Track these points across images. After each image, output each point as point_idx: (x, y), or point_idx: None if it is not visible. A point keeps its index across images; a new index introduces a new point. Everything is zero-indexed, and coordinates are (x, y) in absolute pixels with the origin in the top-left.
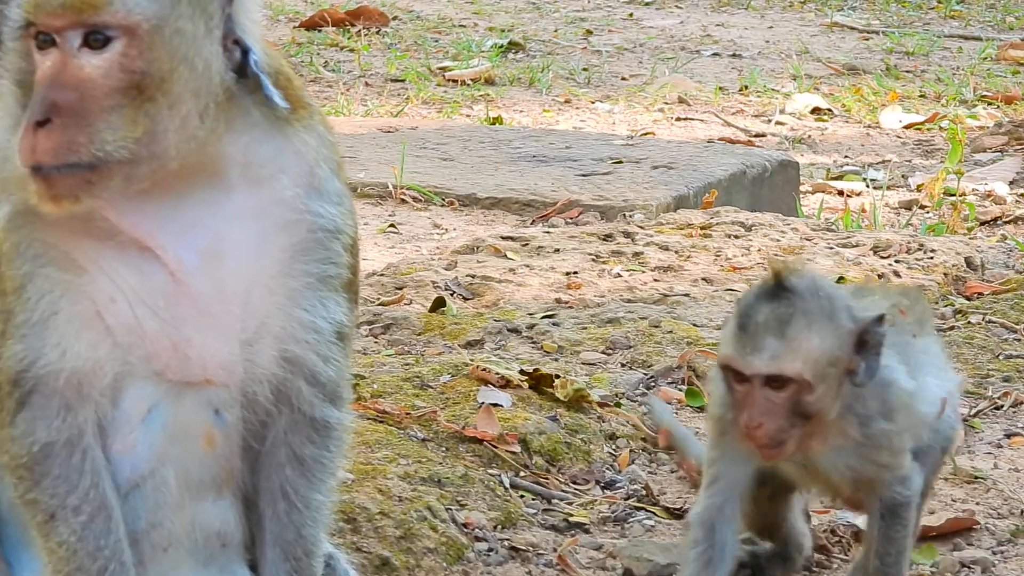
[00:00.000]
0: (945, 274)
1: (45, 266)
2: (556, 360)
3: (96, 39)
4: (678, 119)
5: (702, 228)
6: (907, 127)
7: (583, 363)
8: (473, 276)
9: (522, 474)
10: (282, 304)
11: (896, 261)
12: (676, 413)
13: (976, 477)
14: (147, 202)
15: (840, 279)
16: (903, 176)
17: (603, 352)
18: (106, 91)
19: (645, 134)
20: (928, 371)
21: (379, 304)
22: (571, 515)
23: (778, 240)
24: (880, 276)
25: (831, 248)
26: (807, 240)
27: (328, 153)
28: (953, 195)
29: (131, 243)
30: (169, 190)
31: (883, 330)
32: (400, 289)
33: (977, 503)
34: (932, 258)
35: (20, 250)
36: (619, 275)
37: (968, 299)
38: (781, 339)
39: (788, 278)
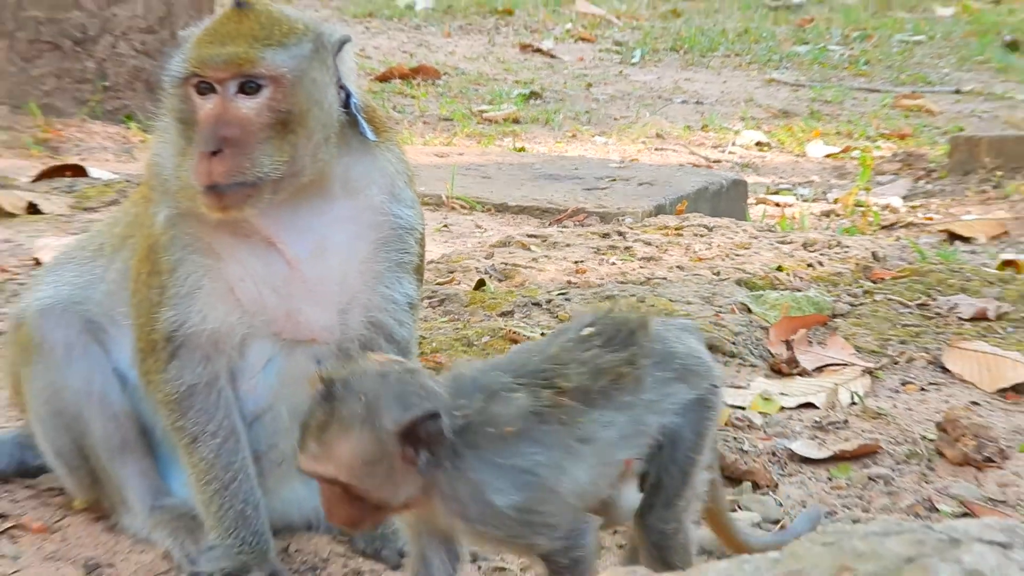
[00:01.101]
0: (856, 264)
1: (192, 254)
2: None
3: (250, 87)
4: (656, 149)
5: (675, 229)
6: (826, 156)
7: None
8: (505, 263)
9: None
10: (369, 283)
11: (821, 254)
12: None
13: (879, 414)
14: (273, 208)
15: (779, 268)
16: (823, 192)
17: None
18: (259, 127)
19: (632, 160)
20: (587, 454)
21: (436, 284)
22: None
23: (732, 238)
24: (809, 265)
25: (772, 244)
26: (753, 239)
27: (403, 168)
28: (862, 206)
29: (258, 238)
30: (290, 199)
31: (436, 425)
32: (451, 273)
33: (880, 434)
34: (847, 251)
35: (174, 242)
36: (614, 263)
37: (874, 283)
38: (319, 443)
39: (333, 385)
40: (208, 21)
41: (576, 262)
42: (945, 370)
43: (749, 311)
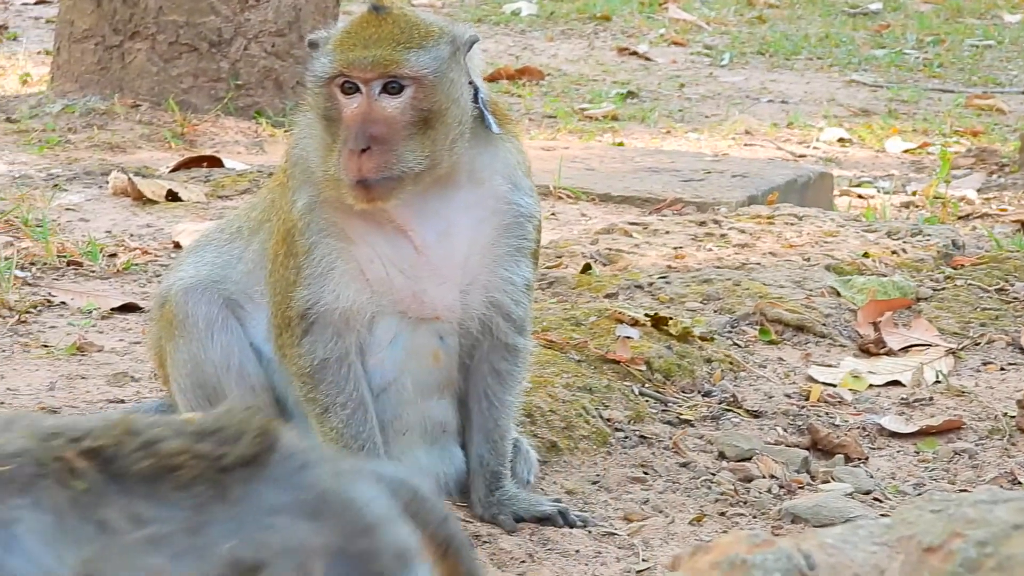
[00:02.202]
0: (938, 251)
1: (326, 237)
2: (668, 307)
3: (393, 87)
4: (745, 145)
5: (768, 218)
6: (904, 152)
7: (687, 310)
8: (609, 249)
9: (647, 385)
10: (489, 266)
11: (904, 242)
12: (751, 345)
13: (962, 392)
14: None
15: (865, 254)
16: (902, 185)
17: (701, 302)
18: (403, 125)
19: (724, 154)
20: None
21: (545, 268)
22: (681, 414)
23: (820, 227)
24: (893, 252)
25: (858, 233)
26: (840, 227)
27: (523, 159)
28: (940, 198)
29: (388, 224)
30: (421, 188)
31: None
32: (560, 257)
33: (963, 410)
34: (929, 240)
35: (310, 226)
36: (711, 250)
37: (954, 269)
38: None
39: None
40: (345, 25)
41: (675, 248)
42: (1023, 351)
43: (838, 295)
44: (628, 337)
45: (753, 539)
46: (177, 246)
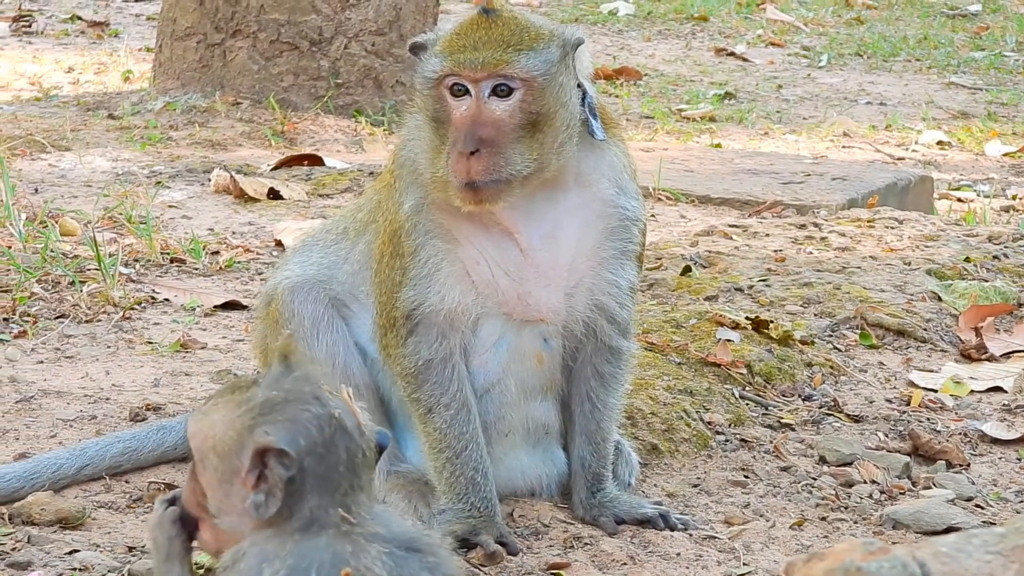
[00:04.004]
0: None
1: (433, 239)
2: (768, 310)
3: (502, 89)
4: (843, 147)
5: (868, 221)
6: (1004, 155)
7: (787, 313)
8: (709, 251)
9: (747, 388)
10: (595, 268)
11: (1005, 247)
12: (852, 349)
13: None
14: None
15: (966, 259)
16: (1002, 189)
17: (801, 305)
18: (512, 127)
19: (821, 157)
20: None
21: (646, 269)
22: (782, 418)
23: (921, 231)
24: (994, 257)
25: (959, 237)
26: (941, 231)
27: (628, 163)
28: None
29: (494, 225)
30: (528, 191)
31: (280, 467)
32: (660, 259)
33: None
34: None
35: (416, 227)
36: (811, 253)
37: None
38: (216, 400)
39: (287, 368)
40: (455, 27)
41: (775, 251)
42: None
43: (939, 299)
44: (728, 340)
45: (868, 547)
46: (279, 244)
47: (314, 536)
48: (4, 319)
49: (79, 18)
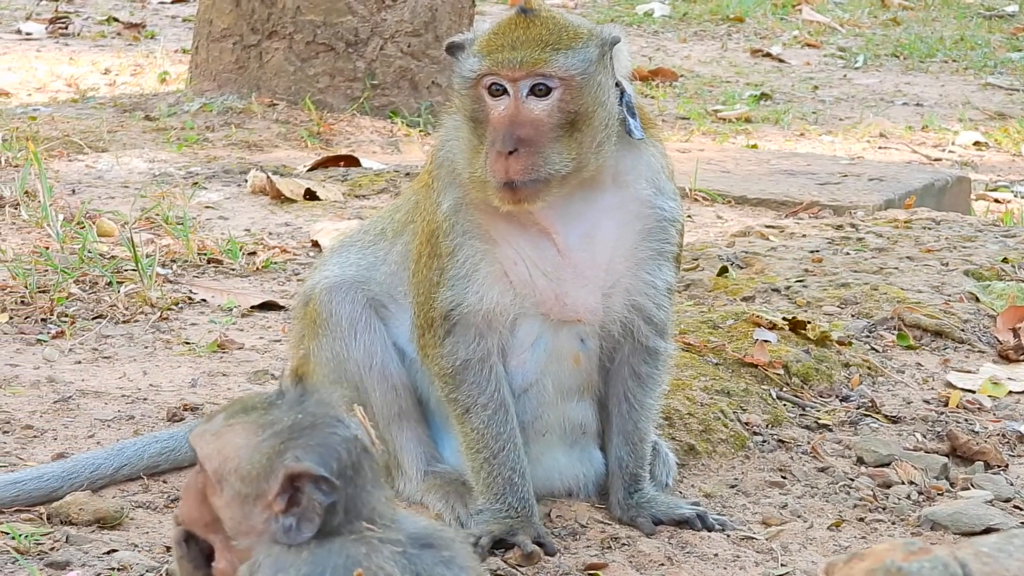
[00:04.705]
0: None
1: (471, 239)
2: (806, 311)
3: (540, 88)
4: (880, 148)
5: (905, 222)
6: None
7: (824, 314)
8: (746, 252)
9: (784, 389)
10: (632, 269)
11: None
12: (889, 350)
13: None
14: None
15: (1004, 259)
16: None
17: (838, 306)
18: (550, 127)
19: (858, 158)
20: None
21: (683, 270)
22: (819, 419)
23: (958, 232)
24: None
25: (996, 238)
26: (979, 232)
27: (666, 163)
28: None
29: (532, 225)
30: (566, 191)
31: (318, 494)
32: (696, 259)
33: None
34: None
35: (455, 227)
36: (848, 254)
37: None
38: (225, 422)
39: (301, 391)
40: (493, 26)
41: (812, 251)
42: None
43: (977, 300)
44: (766, 341)
45: (909, 547)
46: (316, 245)
47: (328, 541)
48: (42, 319)
49: (115, 20)
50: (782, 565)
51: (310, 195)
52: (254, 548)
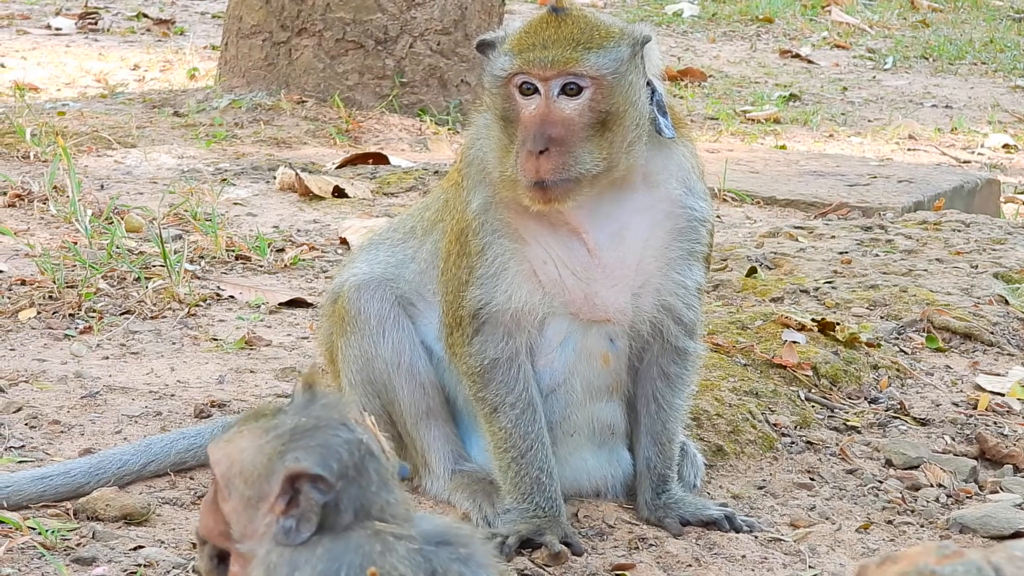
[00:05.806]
0: None
1: (500, 238)
2: (835, 312)
3: (571, 87)
4: (908, 149)
5: (934, 224)
6: None
7: (853, 315)
8: (775, 252)
9: (813, 391)
10: (662, 269)
11: None
12: (918, 352)
13: None
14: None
15: None
16: None
17: (867, 308)
18: (581, 126)
19: (887, 159)
20: None
21: (712, 270)
22: (848, 420)
23: (988, 234)
24: None
25: None
26: (1008, 235)
27: (696, 163)
28: None
29: (561, 225)
30: (596, 191)
31: (315, 493)
32: (725, 260)
33: None
34: None
35: (484, 226)
36: (877, 255)
37: None
38: (238, 430)
39: (312, 396)
40: (524, 25)
41: (841, 253)
42: None
43: (1006, 303)
44: (794, 342)
45: (943, 550)
46: (344, 242)
47: (343, 537)
48: (70, 315)
49: (145, 16)
50: (810, 567)
51: (338, 192)
52: (257, 551)
